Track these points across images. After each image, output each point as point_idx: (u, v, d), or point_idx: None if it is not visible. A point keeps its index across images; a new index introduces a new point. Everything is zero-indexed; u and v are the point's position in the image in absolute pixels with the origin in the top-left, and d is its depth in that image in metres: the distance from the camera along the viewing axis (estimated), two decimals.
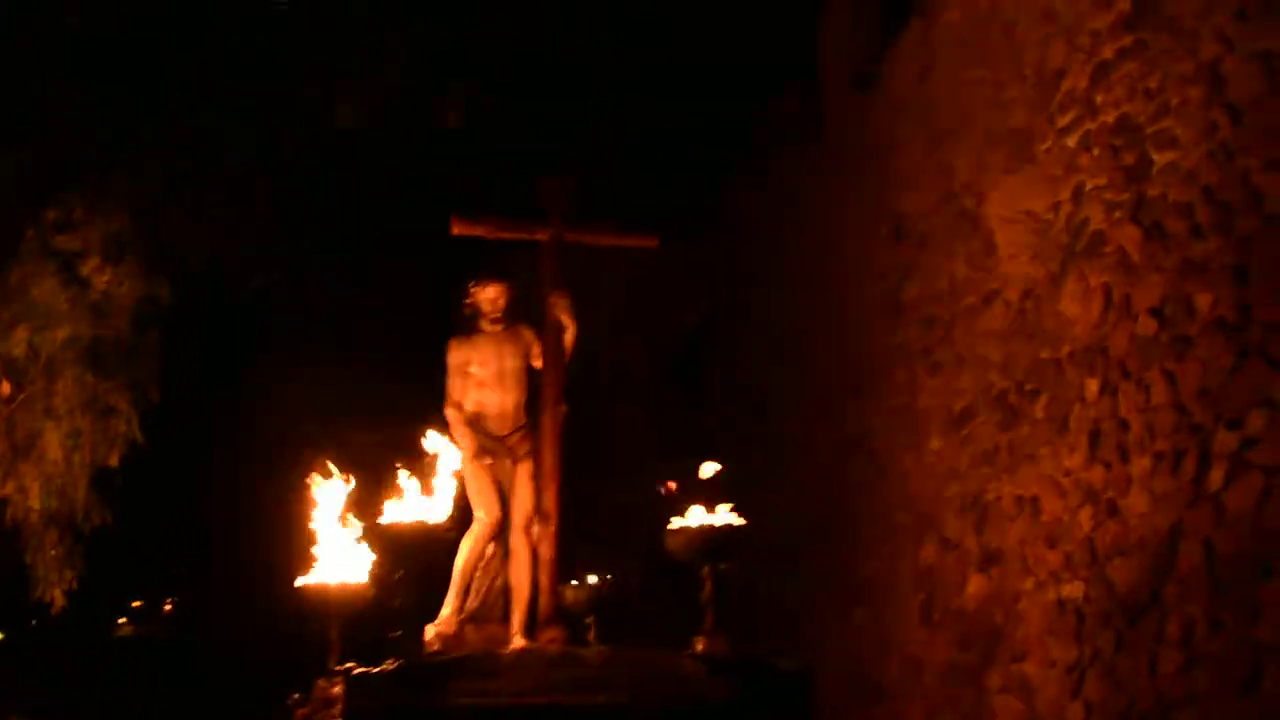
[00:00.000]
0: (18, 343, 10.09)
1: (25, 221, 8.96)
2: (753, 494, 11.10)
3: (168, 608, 37.35)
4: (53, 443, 10.75)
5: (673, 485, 11.23)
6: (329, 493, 10.85)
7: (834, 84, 16.76)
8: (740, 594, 12.46)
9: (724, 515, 10.49)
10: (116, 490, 12.13)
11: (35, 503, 11.09)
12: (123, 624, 35.77)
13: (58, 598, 11.90)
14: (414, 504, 11.20)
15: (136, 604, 36.72)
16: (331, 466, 10.90)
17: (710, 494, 10.60)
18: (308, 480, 10.85)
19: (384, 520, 11.16)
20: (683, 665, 9.98)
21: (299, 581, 10.76)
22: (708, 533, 10.38)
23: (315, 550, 10.74)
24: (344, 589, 10.55)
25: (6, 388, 10.40)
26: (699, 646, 10.21)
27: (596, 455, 14.26)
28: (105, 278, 9.45)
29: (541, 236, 11.21)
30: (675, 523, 10.57)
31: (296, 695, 10.67)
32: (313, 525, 10.79)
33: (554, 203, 11.24)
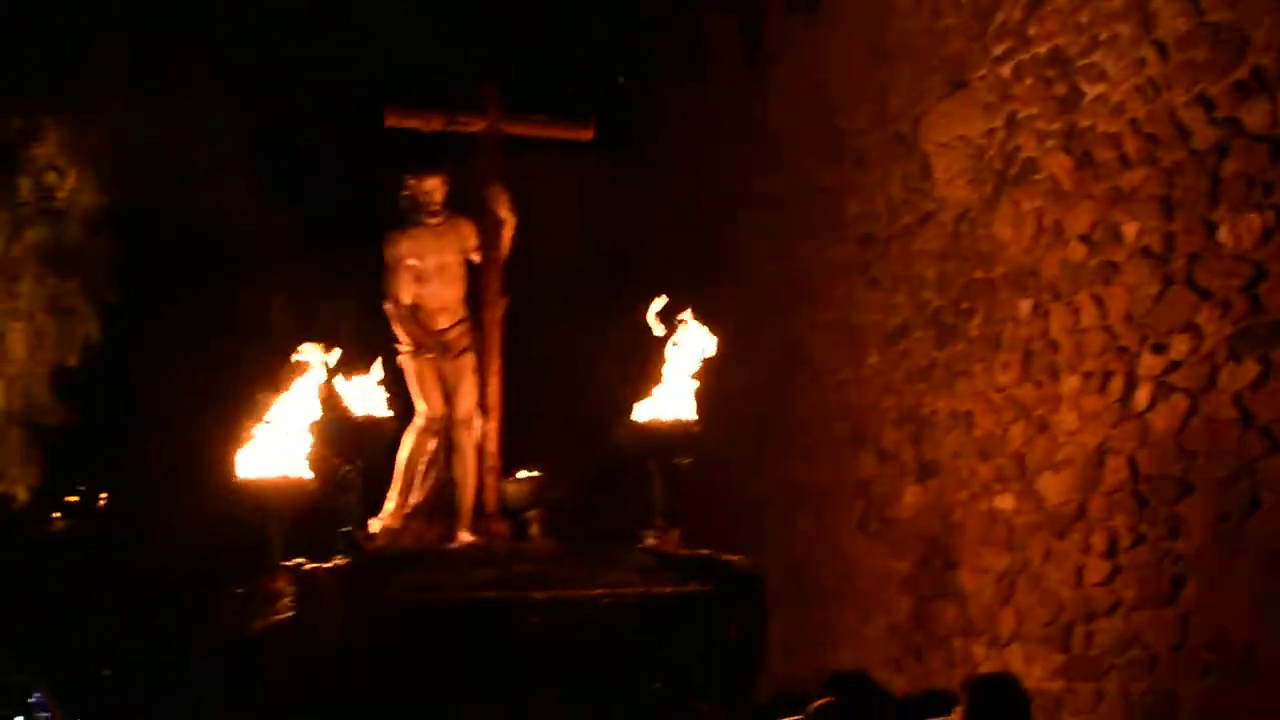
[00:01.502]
0: None
1: None
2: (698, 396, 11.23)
3: (101, 503, 37.33)
4: (16, 343, 10.88)
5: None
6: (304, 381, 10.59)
7: (776, 1, 17.00)
8: (688, 492, 12.75)
9: (675, 410, 10.11)
10: (74, 389, 12.26)
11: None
12: (56, 518, 35.74)
13: (20, 493, 12.10)
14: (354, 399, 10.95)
15: (71, 499, 36.68)
16: (311, 347, 10.58)
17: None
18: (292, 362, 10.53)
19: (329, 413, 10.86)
20: (632, 560, 9.79)
21: (239, 475, 10.58)
22: (659, 428, 9.99)
23: (252, 443, 10.51)
24: (286, 483, 10.09)
25: None
26: (649, 541, 9.96)
27: (540, 351, 14.42)
28: (68, 184, 9.58)
29: (477, 128, 10.95)
30: (628, 417, 10.19)
31: (239, 590, 10.56)
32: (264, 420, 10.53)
33: (489, 94, 10.99)
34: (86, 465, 29.24)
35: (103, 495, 35.36)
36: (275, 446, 10.25)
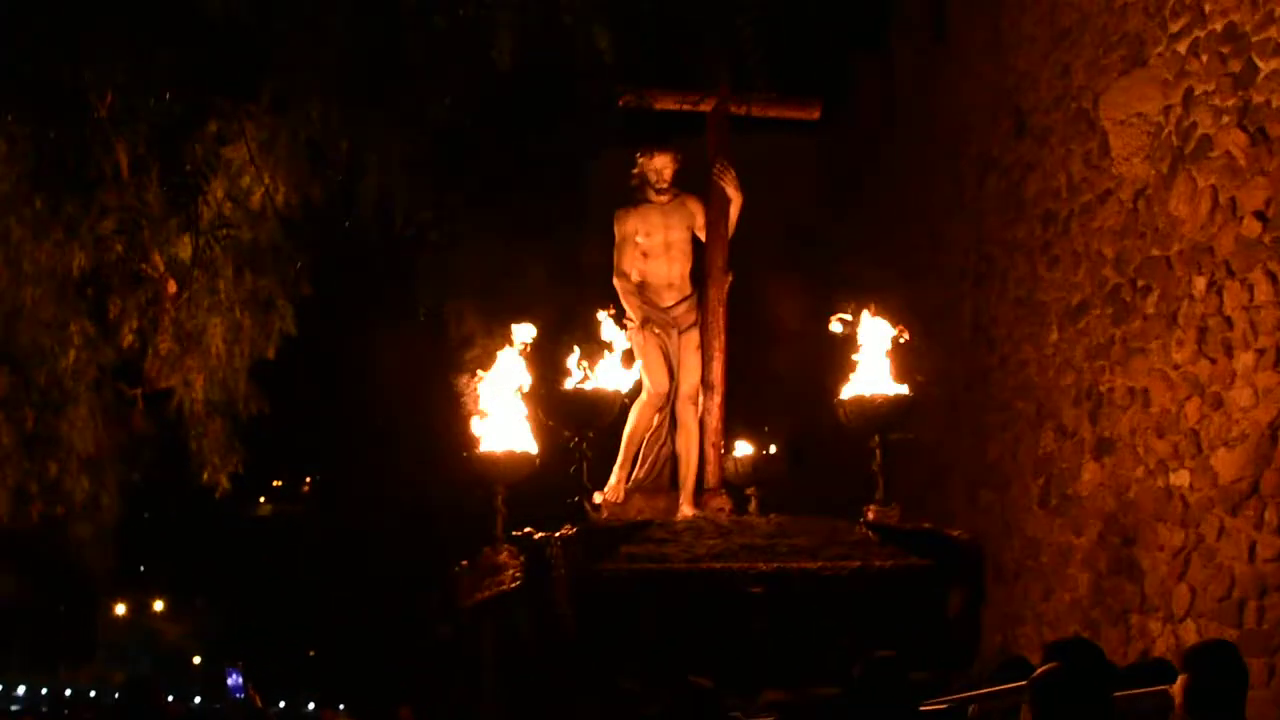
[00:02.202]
0: (183, 246, 10.71)
1: (189, 134, 9.55)
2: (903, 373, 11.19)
3: (306, 487, 38.39)
4: (215, 337, 11.31)
5: None
6: (506, 362, 10.77)
7: None
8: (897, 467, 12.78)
9: (894, 385, 10.17)
10: (271, 379, 12.67)
11: (200, 394, 11.70)
12: (262, 504, 36.78)
13: (223, 481, 12.56)
14: (590, 373, 11.00)
15: (277, 483, 37.75)
16: (518, 329, 10.75)
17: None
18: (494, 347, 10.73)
19: (564, 387, 10.98)
20: (853, 534, 9.89)
21: (468, 451, 10.57)
22: (879, 403, 10.04)
23: (482, 420, 10.69)
24: (512, 457, 10.41)
25: (173, 287, 11.02)
26: (870, 515, 10.03)
27: (758, 324, 14.54)
28: (262, 186, 10.03)
29: (706, 107, 11.09)
30: (847, 391, 10.26)
31: (464, 563, 10.80)
32: (480, 396, 10.71)
33: (718, 73, 11.09)
34: (287, 452, 30.17)
35: (307, 479, 36.34)
36: (500, 420, 10.54)
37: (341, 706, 29.14)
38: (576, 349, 10.66)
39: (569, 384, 10.49)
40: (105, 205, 9.11)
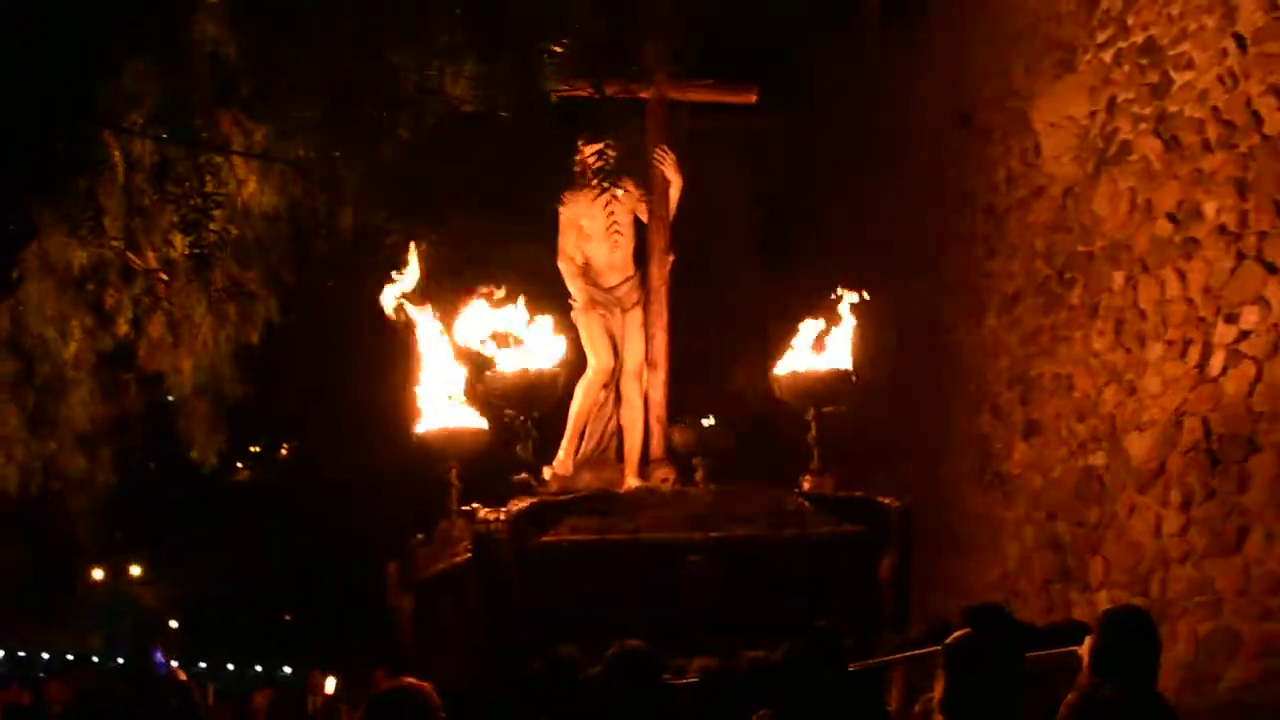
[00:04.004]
0: (175, 240, 11.29)
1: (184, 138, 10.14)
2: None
3: (284, 453, 38.70)
4: (204, 326, 11.86)
5: None
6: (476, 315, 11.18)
7: None
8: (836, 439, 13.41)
9: (831, 360, 10.53)
10: (255, 361, 13.21)
11: (188, 377, 12.29)
12: (239, 468, 37.07)
13: (210, 459, 13.19)
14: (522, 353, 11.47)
15: (254, 449, 38.04)
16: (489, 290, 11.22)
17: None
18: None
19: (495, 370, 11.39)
20: (792, 502, 10.19)
21: (419, 428, 10.88)
22: (817, 378, 10.42)
23: (432, 398, 10.80)
24: (464, 433, 10.62)
25: (164, 280, 11.62)
26: (806, 485, 10.33)
27: (701, 304, 15.20)
28: (250, 188, 10.61)
29: (645, 94, 11.34)
30: (783, 367, 10.66)
31: (420, 536, 11.31)
32: (425, 372, 11.20)
33: (656, 61, 11.36)
34: (269, 425, 30.60)
35: (285, 446, 36.72)
36: (449, 400, 11.02)
37: (322, 670, 29.74)
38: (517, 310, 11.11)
39: (509, 366, 11.04)
40: (103, 207, 9.77)
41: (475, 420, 10.97)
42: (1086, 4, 12.99)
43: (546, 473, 11.10)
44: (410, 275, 10.87)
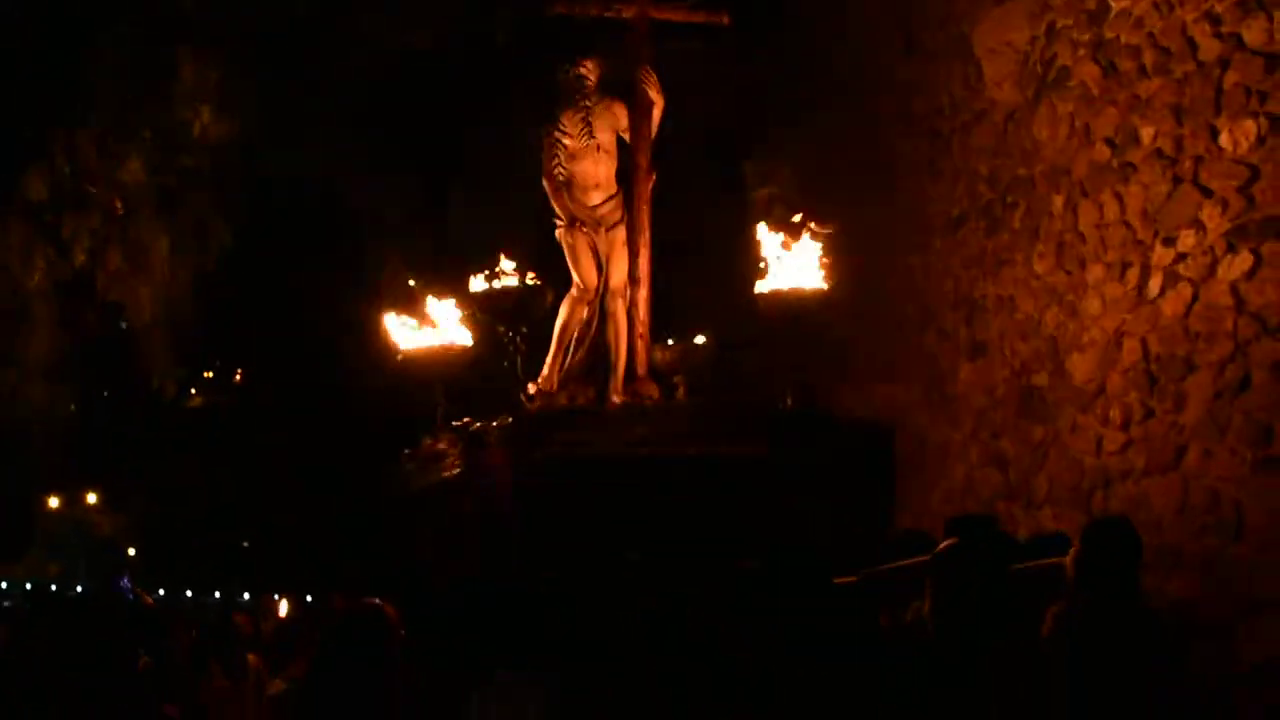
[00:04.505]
0: (132, 171, 11.43)
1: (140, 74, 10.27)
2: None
3: (238, 379, 38.84)
4: (159, 254, 12.03)
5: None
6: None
7: None
8: (814, 358, 13.57)
9: (811, 279, 10.99)
10: (214, 290, 13.38)
11: (146, 307, 12.46)
12: (193, 394, 37.21)
13: (170, 387, 13.39)
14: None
15: (208, 374, 38.19)
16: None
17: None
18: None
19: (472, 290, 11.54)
20: (768, 419, 10.72)
21: (405, 345, 11.34)
22: (795, 296, 10.95)
23: (414, 318, 11.27)
24: (449, 350, 11.18)
25: (120, 207, 11.74)
26: (790, 404, 10.96)
27: (678, 222, 15.41)
28: (205, 119, 10.77)
29: (629, 14, 11.82)
30: (763, 286, 11.10)
31: (407, 451, 11.48)
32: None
33: None
34: (225, 352, 30.77)
35: (238, 371, 36.87)
36: (435, 316, 11.17)
37: (277, 595, 30.00)
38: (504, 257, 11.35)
39: (501, 283, 11.23)
40: (56, 135, 9.91)
41: (460, 337, 11.16)
42: None
43: (531, 388, 11.59)
44: None
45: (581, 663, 6.97)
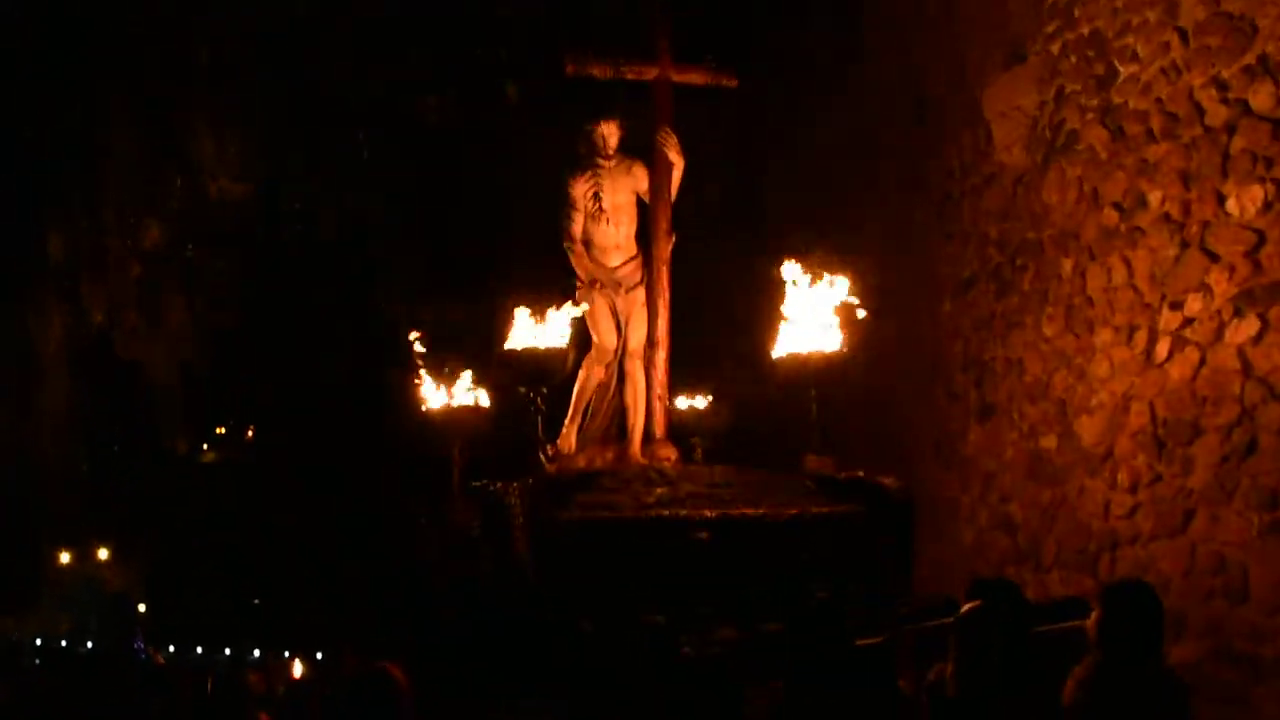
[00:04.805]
0: (150, 234, 11.55)
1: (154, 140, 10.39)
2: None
3: (249, 435, 38.85)
4: (177, 310, 12.14)
5: None
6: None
7: None
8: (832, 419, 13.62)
9: (830, 342, 10.72)
10: (230, 349, 13.49)
11: (162, 366, 12.56)
12: (205, 450, 37.15)
13: (181, 446, 13.50)
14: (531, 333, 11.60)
15: (219, 430, 38.21)
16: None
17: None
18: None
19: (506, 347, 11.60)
20: (795, 483, 10.47)
21: (426, 406, 11.28)
22: (816, 359, 10.60)
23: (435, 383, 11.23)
24: (467, 411, 11.11)
25: (136, 269, 11.86)
26: (808, 465, 10.69)
27: (696, 284, 15.49)
28: (218, 183, 10.88)
29: (650, 75, 11.71)
30: (782, 349, 10.83)
31: (425, 510, 11.41)
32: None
33: (662, 43, 11.71)
34: (236, 409, 30.91)
35: (250, 429, 36.97)
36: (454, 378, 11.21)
37: (287, 653, 29.92)
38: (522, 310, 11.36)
39: (519, 343, 11.27)
40: (76, 198, 10.01)
41: (480, 400, 11.20)
42: None
43: (549, 450, 11.46)
44: None
45: (590, 690, 6.99)
